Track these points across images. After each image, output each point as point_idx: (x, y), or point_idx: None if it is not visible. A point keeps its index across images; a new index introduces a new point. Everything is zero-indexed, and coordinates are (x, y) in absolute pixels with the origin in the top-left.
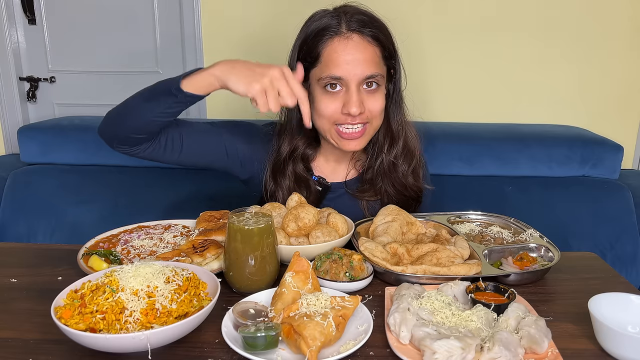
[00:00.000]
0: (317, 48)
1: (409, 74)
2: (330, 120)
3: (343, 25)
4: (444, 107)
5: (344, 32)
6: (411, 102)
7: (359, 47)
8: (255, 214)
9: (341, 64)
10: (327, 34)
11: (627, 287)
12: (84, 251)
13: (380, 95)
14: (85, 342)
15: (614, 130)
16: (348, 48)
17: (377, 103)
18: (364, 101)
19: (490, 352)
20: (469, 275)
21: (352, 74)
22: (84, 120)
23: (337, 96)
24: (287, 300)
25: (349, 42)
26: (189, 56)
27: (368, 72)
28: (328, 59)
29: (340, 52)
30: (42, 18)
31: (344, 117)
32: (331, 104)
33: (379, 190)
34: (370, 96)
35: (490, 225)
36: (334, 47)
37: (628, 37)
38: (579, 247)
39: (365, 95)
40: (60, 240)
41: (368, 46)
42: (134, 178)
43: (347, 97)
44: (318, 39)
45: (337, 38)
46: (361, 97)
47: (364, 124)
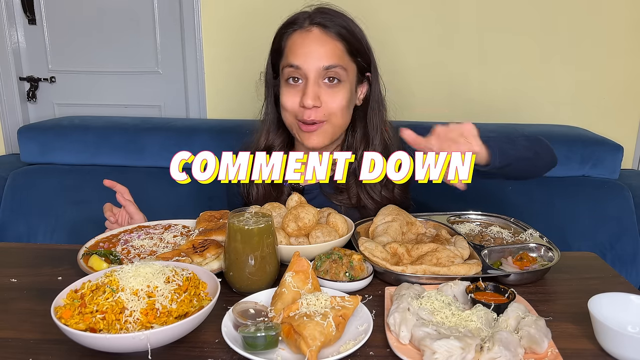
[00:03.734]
0: (282, 41)
1: (409, 74)
2: (292, 114)
3: (307, 20)
4: (443, 107)
5: (306, 26)
6: (410, 102)
7: (318, 40)
8: (255, 214)
9: (299, 55)
10: (291, 27)
11: (627, 287)
12: (84, 251)
13: (341, 91)
14: (85, 342)
15: (614, 130)
16: (307, 40)
17: (336, 99)
18: (322, 95)
19: (490, 352)
20: (469, 275)
21: (309, 64)
22: (84, 120)
23: (297, 89)
24: (287, 300)
25: (308, 34)
26: (189, 56)
27: (326, 63)
28: (289, 50)
29: (299, 43)
30: (42, 18)
31: (301, 110)
32: (292, 96)
33: (352, 197)
34: (329, 91)
35: (490, 225)
36: (295, 38)
37: (628, 37)
38: (579, 247)
39: (324, 90)
40: (60, 240)
41: (328, 40)
42: (134, 178)
43: (304, 89)
44: (283, 32)
45: (299, 31)
46: (319, 91)
47: (321, 122)
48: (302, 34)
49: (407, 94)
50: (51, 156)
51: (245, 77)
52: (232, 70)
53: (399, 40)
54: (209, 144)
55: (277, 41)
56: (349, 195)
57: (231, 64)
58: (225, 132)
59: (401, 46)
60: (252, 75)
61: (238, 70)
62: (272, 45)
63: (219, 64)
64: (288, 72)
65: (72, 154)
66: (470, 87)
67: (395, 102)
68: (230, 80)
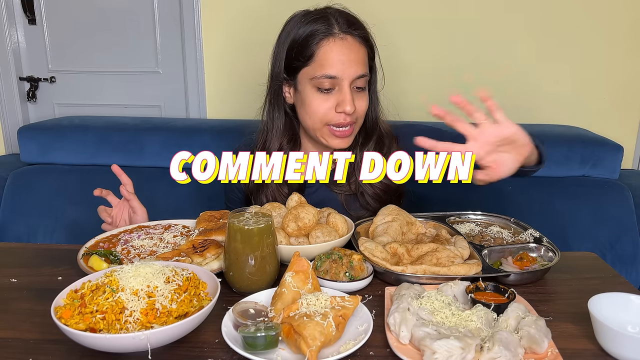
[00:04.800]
0: (311, 48)
1: (408, 74)
2: (323, 120)
3: (336, 27)
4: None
5: (338, 33)
6: (410, 102)
7: (353, 48)
8: (255, 214)
9: (336, 64)
10: (320, 34)
11: (627, 287)
12: (84, 251)
13: (366, 95)
14: (85, 342)
15: (614, 130)
16: (343, 49)
17: (364, 103)
18: (355, 101)
19: (490, 352)
20: (469, 275)
21: (346, 74)
22: (84, 120)
23: (330, 96)
24: (287, 300)
25: (344, 43)
26: (189, 56)
27: (360, 72)
28: (323, 58)
29: (336, 52)
30: (42, 18)
31: (337, 116)
32: (324, 103)
33: (351, 185)
34: (358, 96)
35: (490, 225)
36: (330, 47)
37: (628, 37)
38: (579, 247)
39: (355, 95)
40: (60, 240)
41: (360, 47)
42: (134, 178)
43: (341, 97)
44: (311, 39)
45: (332, 38)
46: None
47: (352, 124)
48: (337, 42)
49: (404, 93)
50: (51, 156)
51: (245, 77)
52: (232, 70)
53: (395, 38)
54: (209, 144)
55: (303, 48)
56: (348, 183)
57: (231, 64)
58: (225, 132)
59: (398, 44)
60: (252, 76)
61: (238, 70)
62: (290, 50)
63: (219, 64)
64: (322, 82)
65: (72, 154)
66: (469, 87)
67: (392, 101)
68: (230, 81)
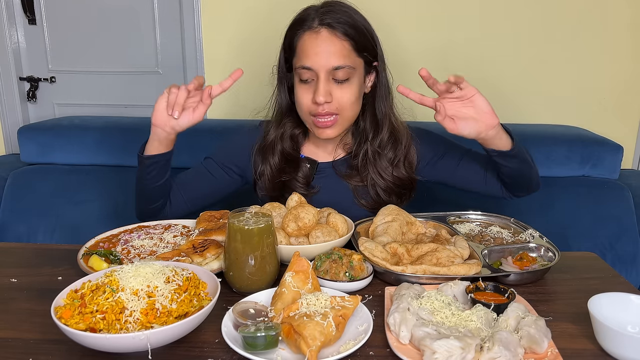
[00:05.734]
0: (293, 40)
1: (408, 74)
2: (307, 111)
3: (316, 20)
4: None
5: (315, 27)
6: (410, 102)
7: (325, 41)
8: (255, 214)
9: (310, 55)
10: (301, 27)
11: (627, 287)
12: (84, 251)
13: (351, 87)
14: (85, 342)
15: (614, 130)
16: (317, 40)
17: (346, 95)
18: (333, 92)
19: (490, 352)
20: (469, 275)
21: (319, 65)
22: (84, 120)
23: (310, 87)
24: (287, 300)
25: (317, 36)
26: (189, 56)
27: (335, 63)
28: (300, 50)
29: (309, 44)
30: (42, 18)
31: (314, 107)
32: (305, 94)
33: (365, 177)
34: (339, 88)
35: (490, 225)
36: (305, 39)
37: (628, 37)
38: (579, 247)
39: (334, 87)
40: (60, 240)
41: (335, 40)
42: (134, 178)
43: (316, 88)
44: (294, 31)
45: (308, 32)
46: (330, 87)
47: (334, 115)
48: (312, 35)
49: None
50: (51, 156)
51: (245, 78)
52: (232, 70)
53: (397, 37)
54: (209, 144)
55: (288, 39)
56: (360, 175)
57: (231, 64)
58: (225, 132)
59: (399, 44)
60: (253, 75)
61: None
62: (283, 42)
63: (219, 64)
64: (301, 73)
65: (72, 154)
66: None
67: (404, 102)
68: None
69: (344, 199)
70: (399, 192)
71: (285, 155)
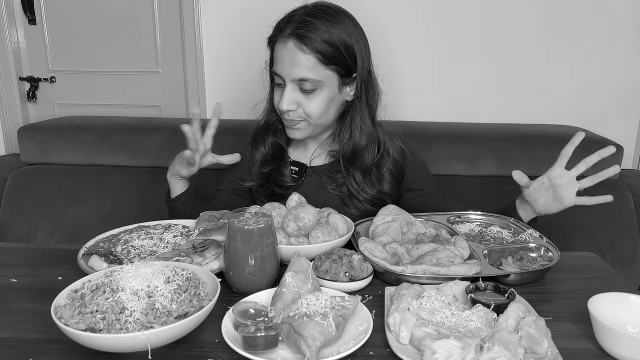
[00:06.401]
0: (270, 44)
1: (408, 75)
2: (278, 110)
3: (287, 29)
4: (443, 107)
5: (284, 36)
6: (410, 102)
7: (290, 53)
8: (255, 214)
9: (277, 63)
10: (276, 33)
11: (627, 287)
12: (84, 251)
13: (317, 98)
14: (85, 342)
15: (614, 130)
16: (284, 50)
17: (312, 105)
18: (300, 100)
19: (490, 352)
20: (469, 275)
21: (284, 74)
22: (84, 120)
23: (280, 91)
24: (287, 300)
25: (285, 46)
26: (189, 56)
27: (297, 76)
28: (274, 56)
29: (278, 52)
30: (42, 18)
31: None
32: (276, 96)
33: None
34: (306, 97)
35: (490, 225)
36: (276, 47)
37: (628, 37)
38: (579, 247)
39: (301, 95)
40: (60, 240)
41: (299, 53)
42: (134, 178)
43: (282, 94)
44: (272, 36)
45: (279, 40)
46: (296, 96)
47: (302, 120)
48: (280, 43)
49: (405, 94)
50: (51, 156)
51: (245, 77)
52: (232, 70)
53: (396, 38)
54: None
55: (269, 41)
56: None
57: (231, 64)
58: (225, 132)
59: (398, 44)
60: (252, 76)
61: (238, 70)
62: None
63: (219, 64)
64: (274, 76)
65: (72, 154)
66: (470, 87)
67: (394, 101)
68: (230, 81)
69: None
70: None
71: (274, 149)
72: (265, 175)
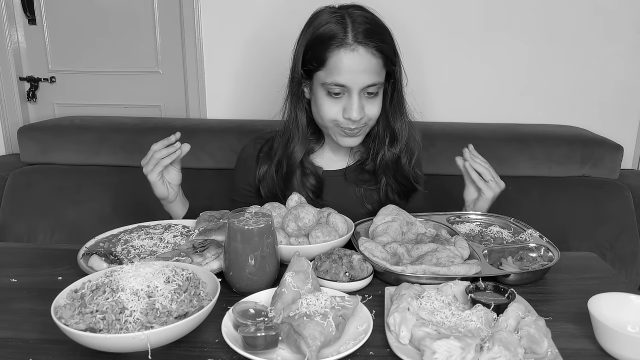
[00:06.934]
0: (324, 54)
1: (408, 75)
2: (333, 122)
3: (349, 36)
4: (444, 107)
5: (350, 44)
6: (411, 102)
7: (363, 59)
8: (255, 214)
9: (346, 73)
10: (333, 42)
11: (627, 287)
12: (84, 251)
13: (378, 100)
14: (85, 342)
15: (614, 130)
16: (354, 59)
17: (375, 109)
18: (364, 106)
19: (490, 352)
20: (469, 275)
21: (354, 83)
22: (84, 120)
23: (339, 101)
24: (287, 300)
25: (354, 54)
26: (189, 56)
27: (369, 82)
28: (334, 66)
29: (346, 62)
30: (42, 18)
31: (345, 120)
32: (333, 107)
33: (379, 180)
34: (369, 102)
35: (490, 225)
36: (341, 56)
37: (628, 37)
38: (579, 247)
39: (365, 101)
40: (60, 240)
41: (372, 58)
42: (134, 178)
43: (349, 104)
44: (325, 46)
45: (344, 48)
46: (361, 102)
47: (362, 127)
48: (348, 52)
49: (405, 94)
50: (51, 156)
51: (245, 77)
52: (232, 70)
53: (397, 39)
54: (209, 144)
55: (317, 53)
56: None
57: (231, 64)
58: (225, 132)
59: (399, 45)
60: (253, 75)
61: (238, 70)
62: (305, 52)
63: (219, 64)
64: (331, 87)
65: (72, 154)
66: (470, 87)
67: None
68: (230, 80)
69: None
70: (405, 192)
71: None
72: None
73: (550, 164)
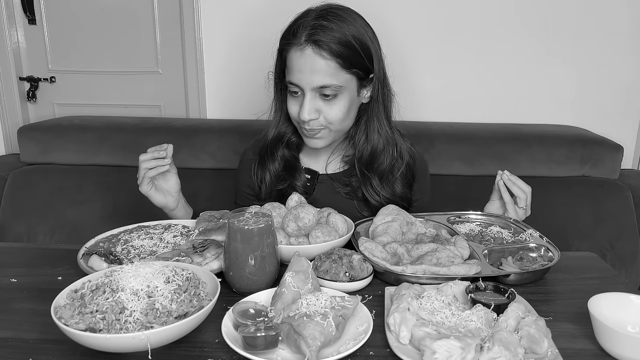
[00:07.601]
0: (283, 52)
1: (408, 74)
2: (295, 121)
3: (302, 36)
4: (444, 107)
5: (300, 44)
6: (411, 102)
7: (310, 59)
8: (255, 214)
9: (297, 72)
10: (289, 40)
11: (627, 287)
12: (84, 251)
13: (338, 103)
14: (85, 342)
15: (614, 130)
16: (301, 59)
17: (333, 112)
18: (320, 107)
19: (490, 352)
20: (469, 275)
21: (304, 83)
22: (84, 120)
23: (298, 100)
24: (287, 300)
25: (302, 54)
26: (189, 56)
27: (320, 83)
28: (289, 65)
29: (295, 61)
30: (42, 18)
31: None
32: (293, 106)
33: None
34: (326, 104)
35: (490, 225)
36: (291, 56)
37: (628, 37)
38: (579, 247)
39: (321, 103)
40: (60, 240)
41: (319, 59)
42: (134, 178)
43: (302, 103)
44: (283, 44)
45: (294, 47)
46: (317, 104)
47: (323, 128)
48: (297, 52)
49: (405, 94)
50: (51, 156)
51: (245, 77)
52: (232, 70)
53: (395, 39)
54: (209, 144)
55: (280, 50)
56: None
57: (231, 64)
58: (225, 132)
59: (398, 45)
60: (252, 75)
61: (238, 70)
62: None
63: (219, 64)
64: (290, 86)
65: (72, 153)
66: (470, 87)
67: (405, 100)
68: (230, 80)
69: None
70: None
71: (286, 162)
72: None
73: (550, 164)
